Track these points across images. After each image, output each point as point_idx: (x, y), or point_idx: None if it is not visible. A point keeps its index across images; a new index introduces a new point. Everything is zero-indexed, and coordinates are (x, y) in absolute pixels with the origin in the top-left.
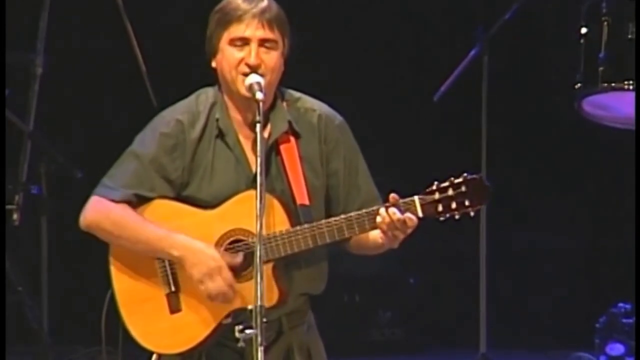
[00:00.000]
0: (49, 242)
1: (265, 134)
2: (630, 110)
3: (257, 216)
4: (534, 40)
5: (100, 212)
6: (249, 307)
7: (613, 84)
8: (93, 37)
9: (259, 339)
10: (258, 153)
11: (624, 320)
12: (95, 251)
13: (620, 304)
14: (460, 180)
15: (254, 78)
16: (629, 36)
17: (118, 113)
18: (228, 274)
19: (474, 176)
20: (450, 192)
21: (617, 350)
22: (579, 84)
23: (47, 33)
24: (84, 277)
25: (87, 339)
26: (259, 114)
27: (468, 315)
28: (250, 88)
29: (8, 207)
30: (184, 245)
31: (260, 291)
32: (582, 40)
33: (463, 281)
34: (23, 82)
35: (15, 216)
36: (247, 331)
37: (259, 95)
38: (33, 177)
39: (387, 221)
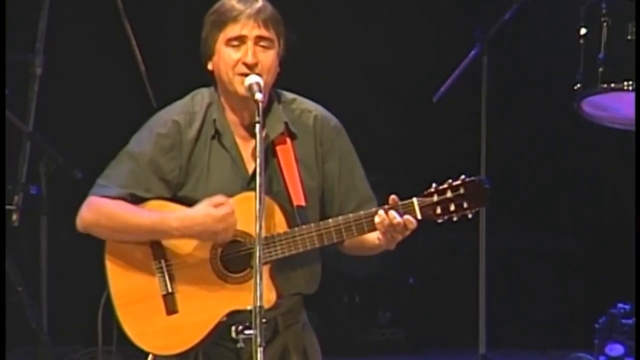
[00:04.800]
0: (48, 242)
1: None
2: (630, 111)
3: (256, 217)
4: (534, 41)
5: (94, 208)
6: (249, 307)
7: (612, 85)
8: (93, 37)
9: (259, 339)
10: (257, 153)
11: (624, 321)
12: (94, 251)
13: (620, 305)
14: (458, 182)
15: (253, 79)
16: (629, 37)
17: (118, 113)
18: (231, 218)
19: (473, 178)
20: (449, 194)
21: (617, 351)
22: (578, 85)
23: (47, 33)
24: (84, 277)
25: (86, 339)
26: (259, 114)
27: (467, 316)
28: (249, 88)
29: (7, 207)
30: (180, 222)
31: (259, 292)
32: (581, 41)
33: (463, 281)
34: (23, 82)
35: (14, 217)
36: (246, 332)
37: (258, 96)
38: (32, 178)
39: (386, 223)
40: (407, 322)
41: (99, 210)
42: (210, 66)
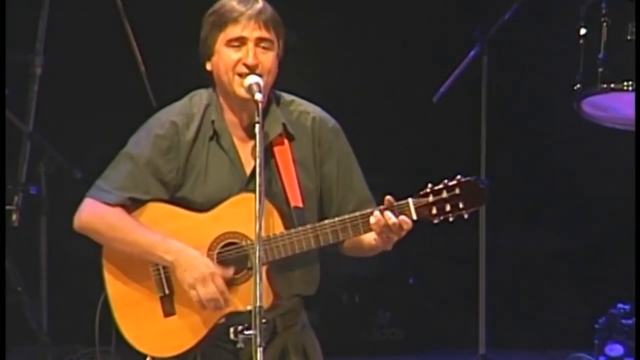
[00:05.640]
0: (48, 242)
1: None
2: (630, 111)
3: (256, 217)
4: (534, 41)
5: (94, 214)
6: (249, 307)
7: (612, 85)
8: (93, 37)
9: (259, 339)
10: (257, 153)
11: (623, 321)
12: (94, 251)
13: (620, 305)
14: (454, 182)
15: (253, 79)
16: (629, 37)
17: (118, 113)
18: (220, 281)
19: (468, 178)
20: (444, 194)
21: (617, 351)
22: (578, 85)
23: (47, 33)
24: (84, 277)
25: (86, 339)
26: (259, 114)
27: (467, 316)
28: (249, 89)
29: (7, 207)
30: (178, 250)
31: (259, 292)
32: (581, 41)
33: (462, 281)
34: (23, 82)
35: (14, 217)
36: (246, 332)
37: (258, 96)
38: (32, 178)
39: (382, 224)
40: (407, 322)
41: (99, 216)
42: (209, 66)
